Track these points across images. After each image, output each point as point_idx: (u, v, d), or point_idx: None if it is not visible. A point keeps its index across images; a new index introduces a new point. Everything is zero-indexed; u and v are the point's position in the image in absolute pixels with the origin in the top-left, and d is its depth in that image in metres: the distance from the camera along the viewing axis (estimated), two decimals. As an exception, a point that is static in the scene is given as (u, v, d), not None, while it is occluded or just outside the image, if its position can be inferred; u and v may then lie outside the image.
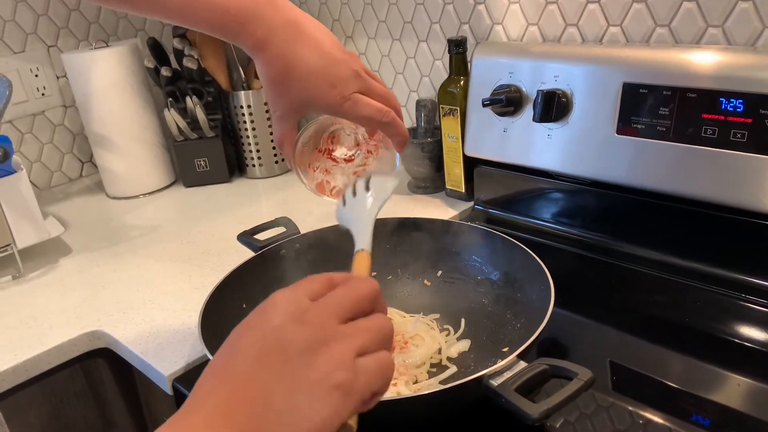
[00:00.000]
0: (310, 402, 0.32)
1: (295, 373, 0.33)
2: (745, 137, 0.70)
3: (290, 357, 0.33)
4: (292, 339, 0.34)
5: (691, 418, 0.58)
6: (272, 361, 0.33)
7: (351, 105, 0.57)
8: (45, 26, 1.31)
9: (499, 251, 0.75)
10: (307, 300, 0.36)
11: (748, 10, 0.74)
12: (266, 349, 0.34)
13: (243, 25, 0.54)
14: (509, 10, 0.97)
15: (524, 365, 0.51)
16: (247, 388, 0.33)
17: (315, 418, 0.32)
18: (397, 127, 0.60)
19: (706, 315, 0.73)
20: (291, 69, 0.56)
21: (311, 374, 0.33)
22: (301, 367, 0.33)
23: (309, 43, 0.56)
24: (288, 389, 0.32)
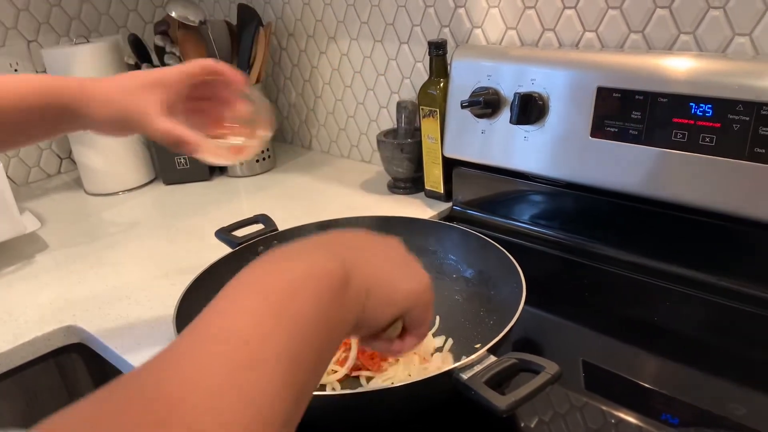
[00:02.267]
0: (407, 278, 0.45)
1: (398, 259, 0.47)
2: (713, 141, 0.72)
3: (398, 252, 0.48)
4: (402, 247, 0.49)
5: (661, 417, 0.59)
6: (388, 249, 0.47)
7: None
8: (25, 21, 1.30)
9: (473, 250, 0.76)
10: None
11: (718, 18, 0.76)
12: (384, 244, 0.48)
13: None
14: (489, 14, 0.98)
15: (494, 359, 0.52)
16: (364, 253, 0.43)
17: (409, 284, 0.45)
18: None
19: (676, 315, 0.74)
20: None
21: (412, 265, 0.47)
22: (405, 260, 0.47)
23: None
24: (395, 264, 0.46)
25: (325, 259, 0.37)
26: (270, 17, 1.36)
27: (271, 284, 0.34)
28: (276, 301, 0.33)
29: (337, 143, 1.37)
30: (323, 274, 0.36)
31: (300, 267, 0.36)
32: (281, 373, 0.30)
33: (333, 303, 0.36)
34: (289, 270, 0.36)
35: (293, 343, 0.31)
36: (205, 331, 0.31)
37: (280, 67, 1.41)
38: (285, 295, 0.33)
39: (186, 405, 0.26)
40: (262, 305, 0.32)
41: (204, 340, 0.30)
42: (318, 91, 1.35)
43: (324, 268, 0.36)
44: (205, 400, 0.26)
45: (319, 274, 0.36)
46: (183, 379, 0.27)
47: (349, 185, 1.20)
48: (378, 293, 0.42)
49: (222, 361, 0.28)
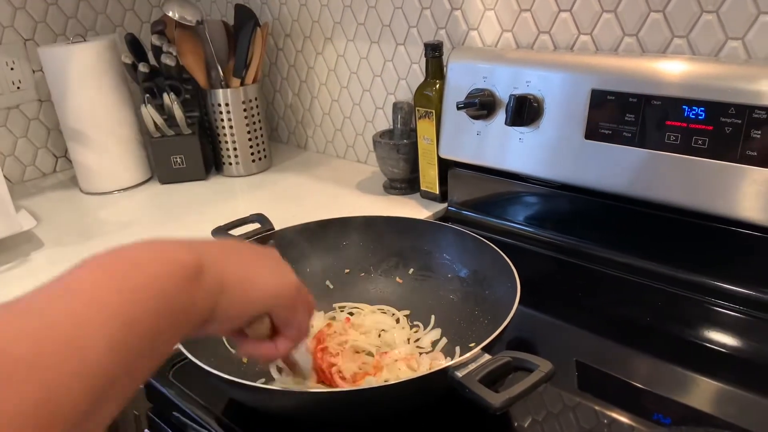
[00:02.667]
0: (269, 278, 0.47)
1: (266, 263, 0.48)
2: (706, 144, 0.73)
3: (269, 258, 0.49)
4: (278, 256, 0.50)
5: (653, 417, 0.60)
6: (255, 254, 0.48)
7: None
8: (22, 20, 1.30)
9: (468, 250, 0.76)
10: None
11: (712, 22, 0.77)
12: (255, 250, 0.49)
13: None
14: (485, 16, 0.99)
15: (488, 357, 0.53)
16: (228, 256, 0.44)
17: (267, 284, 0.46)
18: None
19: (669, 316, 0.75)
20: None
21: (280, 267, 0.49)
22: (274, 264, 0.49)
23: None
24: (260, 266, 0.47)
25: (179, 249, 0.38)
26: (267, 17, 1.36)
27: (117, 261, 0.35)
28: (117, 272, 0.34)
29: (333, 143, 1.37)
30: (172, 260, 0.37)
31: (152, 251, 0.37)
32: (109, 333, 0.30)
33: (180, 288, 0.36)
34: (140, 251, 0.37)
35: (126, 310, 0.32)
36: (48, 287, 0.32)
37: (276, 67, 1.42)
38: (128, 269, 0.34)
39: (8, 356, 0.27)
40: (103, 275, 0.34)
41: (51, 291, 0.32)
42: (314, 91, 1.35)
43: (175, 256, 0.37)
44: (30, 348, 0.27)
45: (168, 260, 0.37)
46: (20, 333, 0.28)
47: (345, 185, 1.20)
48: (233, 288, 0.42)
49: (54, 315, 0.30)
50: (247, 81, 1.25)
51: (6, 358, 0.26)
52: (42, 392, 0.27)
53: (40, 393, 0.27)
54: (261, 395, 0.56)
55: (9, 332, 0.28)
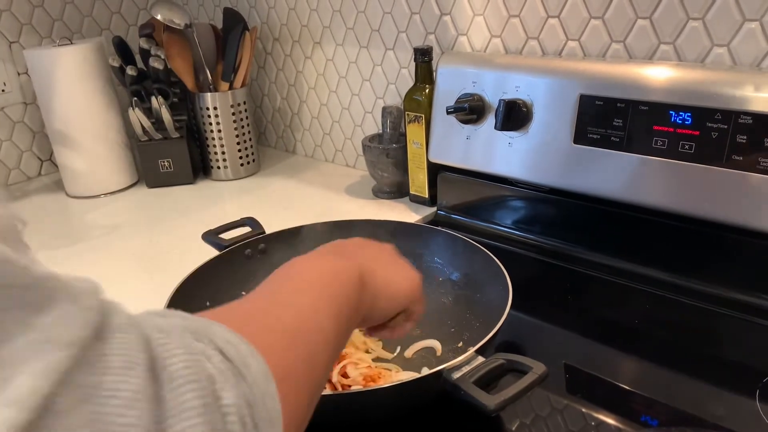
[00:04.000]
0: (405, 281, 0.54)
1: (397, 262, 0.56)
2: (692, 149, 0.74)
3: (396, 257, 0.57)
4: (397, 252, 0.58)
5: (641, 419, 0.60)
6: (386, 254, 0.57)
7: None
8: (7, 22, 1.28)
9: (460, 253, 0.77)
10: None
11: (698, 28, 0.78)
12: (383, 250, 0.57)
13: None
14: (474, 22, 1.00)
15: (482, 360, 0.53)
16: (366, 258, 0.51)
17: (407, 284, 0.54)
18: None
19: (656, 319, 0.76)
20: None
21: (406, 266, 0.56)
22: (401, 262, 0.57)
23: None
24: (394, 268, 0.55)
25: (348, 263, 0.47)
26: (255, 22, 1.36)
27: (311, 274, 0.44)
28: (325, 277, 0.43)
29: (321, 147, 1.37)
30: (352, 274, 0.46)
31: (331, 265, 0.46)
32: (330, 319, 0.40)
33: (355, 294, 0.45)
34: (325, 266, 0.45)
35: (336, 308, 0.41)
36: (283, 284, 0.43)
37: (265, 71, 1.41)
38: (325, 282, 0.43)
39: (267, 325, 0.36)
40: (319, 279, 0.43)
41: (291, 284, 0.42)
42: (303, 95, 1.35)
43: (350, 272, 0.46)
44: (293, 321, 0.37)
45: (349, 272, 0.46)
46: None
47: (334, 190, 1.20)
48: (383, 296, 0.50)
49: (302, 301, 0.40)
50: (235, 85, 1.25)
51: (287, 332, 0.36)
52: (308, 354, 0.36)
53: (307, 355, 0.36)
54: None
55: (281, 314, 0.37)
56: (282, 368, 0.32)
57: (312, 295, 0.41)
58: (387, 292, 0.51)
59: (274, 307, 0.38)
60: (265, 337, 0.33)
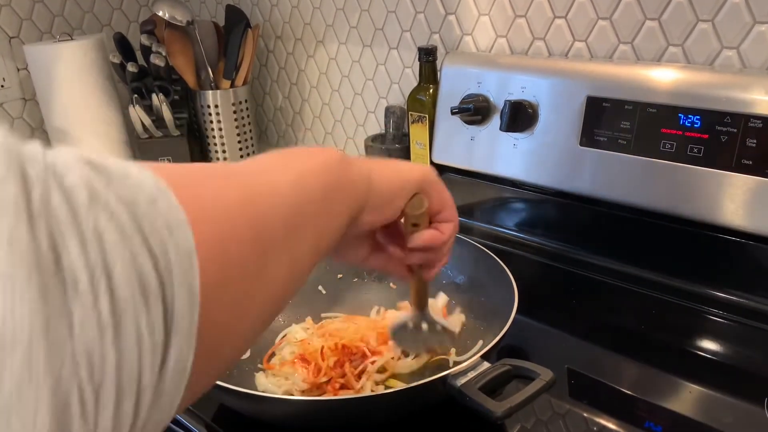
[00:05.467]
0: (409, 164, 0.48)
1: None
2: (701, 152, 0.73)
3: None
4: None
5: (644, 425, 0.59)
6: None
7: None
8: (7, 17, 1.27)
9: (464, 256, 0.75)
10: None
11: (707, 30, 0.77)
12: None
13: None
14: (479, 21, 0.99)
15: (488, 365, 0.52)
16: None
17: (411, 166, 0.47)
18: None
19: (662, 324, 0.75)
20: None
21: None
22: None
23: None
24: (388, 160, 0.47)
25: (329, 149, 0.42)
26: (258, 19, 1.35)
27: (291, 151, 0.40)
28: (293, 155, 0.39)
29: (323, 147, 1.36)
30: (329, 153, 0.41)
31: (313, 149, 0.41)
32: (291, 185, 0.35)
33: (340, 169, 0.40)
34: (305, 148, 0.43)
35: (302, 177, 0.37)
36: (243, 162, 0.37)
37: (267, 69, 1.40)
38: (299, 154, 0.39)
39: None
40: (282, 156, 0.39)
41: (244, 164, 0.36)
42: (305, 94, 1.34)
43: (329, 151, 0.41)
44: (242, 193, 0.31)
45: (326, 152, 0.41)
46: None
47: (336, 190, 1.19)
48: (381, 174, 0.45)
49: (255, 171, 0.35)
50: (237, 83, 1.24)
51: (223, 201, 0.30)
52: (254, 213, 0.31)
53: (253, 213, 0.31)
54: (253, 402, 0.55)
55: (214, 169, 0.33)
56: (192, 190, 0.27)
57: (265, 161, 0.37)
58: (387, 172, 0.45)
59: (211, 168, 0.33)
60: (172, 169, 0.28)
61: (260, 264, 0.30)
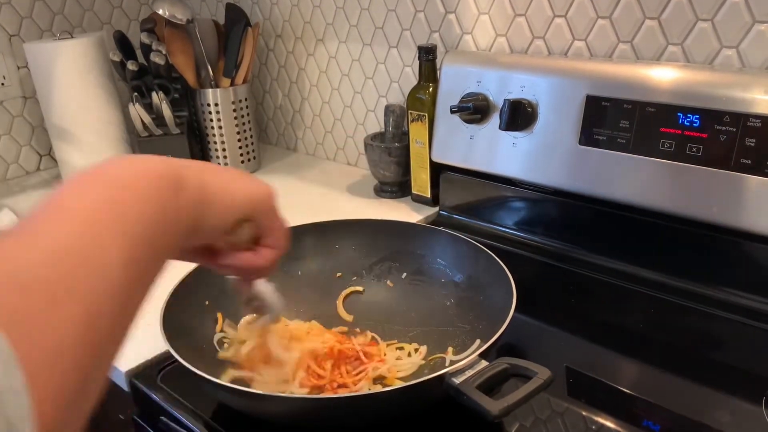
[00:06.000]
0: (245, 184, 0.46)
1: (241, 175, 0.47)
2: (700, 151, 0.73)
3: (243, 172, 0.48)
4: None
5: (643, 424, 0.60)
6: (228, 170, 0.47)
7: None
8: (7, 15, 1.27)
9: (463, 255, 0.76)
10: None
11: (706, 29, 0.77)
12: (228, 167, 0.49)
13: None
14: (479, 20, 0.99)
15: (486, 364, 0.52)
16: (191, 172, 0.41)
17: (248, 188, 0.46)
18: None
19: (661, 323, 0.75)
20: None
21: (255, 178, 0.48)
22: (248, 175, 0.48)
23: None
24: (236, 176, 0.46)
25: (159, 164, 0.38)
26: (258, 18, 1.35)
27: (104, 182, 0.35)
28: (107, 191, 0.34)
29: (323, 145, 1.36)
30: (156, 176, 0.37)
31: (133, 168, 0.37)
32: (119, 250, 0.31)
33: (167, 201, 0.37)
34: (122, 170, 0.37)
35: (126, 228, 0.33)
36: (52, 207, 0.32)
37: (267, 67, 1.40)
38: (116, 189, 0.35)
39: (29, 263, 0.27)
40: (94, 195, 0.34)
41: (51, 213, 0.31)
42: (305, 93, 1.34)
43: (157, 171, 0.37)
44: (48, 258, 0.28)
45: (151, 176, 0.37)
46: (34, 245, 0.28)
47: (335, 188, 1.19)
48: (214, 195, 0.43)
49: (66, 229, 0.30)
50: (237, 81, 1.24)
51: (42, 284, 0.27)
52: (85, 315, 0.27)
53: (85, 316, 0.27)
54: (251, 400, 0.55)
55: (31, 256, 0.28)
56: (37, 342, 0.25)
57: (91, 227, 0.31)
58: (219, 193, 0.43)
59: (21, 247, 0.28)
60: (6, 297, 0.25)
61: (93, 368, 0.28)
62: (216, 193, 0.43)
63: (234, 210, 0.45)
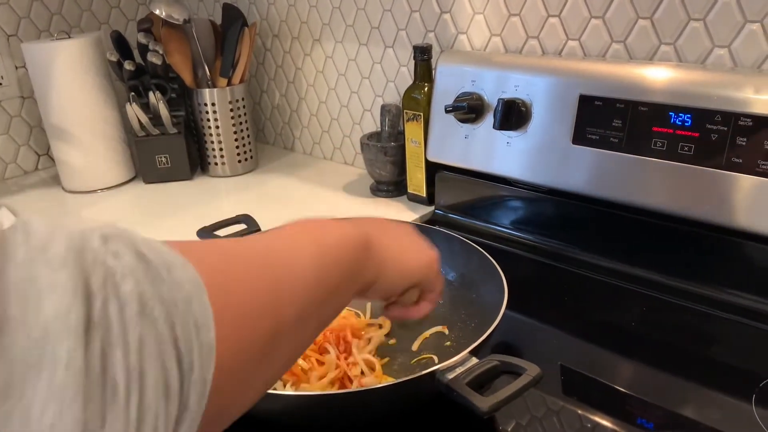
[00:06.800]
0: (417, 255, 0.53)
1: (412, 238, 0.54)
2: (692, 150, 0.73)
3: (412, 234, 0.55)
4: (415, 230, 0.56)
5: (637, 421, 0.60)
6: (401, 229, 0.54)
7: None
8: (5, 15, 1.28)
9: (456, 253, 0.76)
10: None
11: (698, 29, 0.78)
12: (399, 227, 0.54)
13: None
14: (474, 20, 0.99)
15: (476, 361, 0.53)
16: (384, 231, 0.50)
17: (419, 259, 0.53)
18: None
19: (654, 321, 0.75)
20: None
21: (421, 242, 0.54)
22: (417, 238, 0.55)
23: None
24: (409, 242, 0.53)
25: (349, 226, 0.44)
26: (255, 17, 1.35)
27: (311, 226, 0.42)
28: (313, 231, 0.41)
29: (320, 145, 1.37)
30: (348, 234, 0.43)
31: (332, 224, 0.44)
32: (313, 270, 0.37)
33: (356, 256, 0.43)
34: (325, 222, 0.44)
35: (321, 259, 0.39)
36: (264, 235, 0.41)
37: (264, 67, 1.41)
38: (320, 231, 0.41)
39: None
40: (304, 233, 0.41)
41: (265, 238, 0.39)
42: (302, 92, 1.35)
43: (349, 231, 0.44)
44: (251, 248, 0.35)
45: (345, 232, 0.43)
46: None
47: (332, 187, 1.20)
48: (391, 265, 0.48)
49: (271, 239, 0.38)
50: (234, 81, 1.24)
51: (242, 258, 0.33)
52: (273, 295, 0.33)
53: (273, 295, 0.33)
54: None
55: (237, 245, 0.35)
56: (224, 286, 0.29)
57: (295, 241, 0.38)
58: (396, 262, 0.49)
59: (240, 245, 0.36)
60: (211, 257, 0.31)
61: (270, 349, 0.32)
62: (394, 261, 0.49)
63: (406, 279, 0.52)
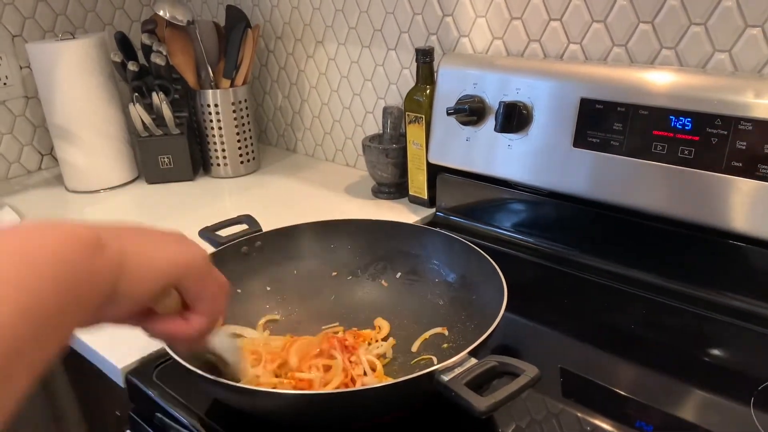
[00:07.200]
0: (173, 249, 0.44)
1: (171, 238, 0.45)
2: (692, 154, 0.73)
3: (175, 235, 0.46)
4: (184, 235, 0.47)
5: (636, 424, 0.60)
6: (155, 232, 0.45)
7: None
8: (10, 15, 1.29)
9: (456, 254, 0.76)
10: None
11: (700, 34, 0.78)
12: (158, 229, 0.45)
13: None
14: (476, 23, 0.99)
15: (474, 362, 0.53)
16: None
17: (174, 251, 0.44)
18: None
19: (653, 324, 0.76)
20: None
21: (186, 241, 0.46)
22: (179, 238, 0.46)
23: None
24: (163, 240, 0.44)
25: (76, 225, 0.37)
26: (258, 19, 1.36)
27: (12, 236, 0.34)
28: (12, 244, 0.33)
29: (322, 147, 1.37)
30: (70, 233, 0.36)
31: (48, 226, 0.36)
32: (15, 302, 0.30)
33: (79, 259, 0.35)
34: (36, 226, 0.36)
35: (29, 281, 0.32)
36: None
37: (267, 69, 1.41)
38: (24, 241, 0.34)
39: None
40: (10, 247, 0.33)
41: None
42: (304, 94, 1.35)
43: (72, 230, 0.36)
44: None
45: (65, 233, 0.36)
46: None
47: (334, 189, 1.20)
48: (136, 261, 0.40)
49: None
50: (237, 82, 1.25)
51: None
52: None
53: None
54: (245, 396, 0.56)
55: None
56: None
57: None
58: (141, 256, 0.40)
59: None
60: None
61: None
62: (138, 257, 0.40)
63: (156, 276, 0.42)
